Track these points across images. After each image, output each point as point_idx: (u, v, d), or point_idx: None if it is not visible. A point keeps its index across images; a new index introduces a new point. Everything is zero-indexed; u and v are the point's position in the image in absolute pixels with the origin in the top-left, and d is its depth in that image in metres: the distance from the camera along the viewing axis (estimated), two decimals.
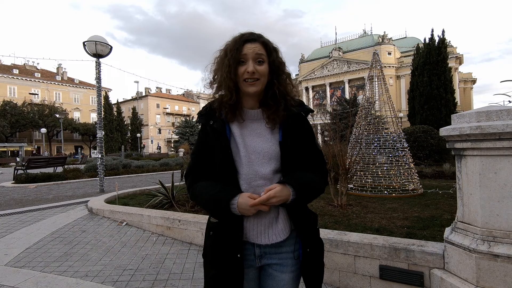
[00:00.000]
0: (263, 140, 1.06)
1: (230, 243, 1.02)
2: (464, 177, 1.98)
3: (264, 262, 1.07)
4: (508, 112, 1.78)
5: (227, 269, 1.01)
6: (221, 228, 1.04)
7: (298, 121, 1.09)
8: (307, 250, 1.06)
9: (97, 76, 7.89)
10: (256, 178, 1.03)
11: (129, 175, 12.66)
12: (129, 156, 27.30)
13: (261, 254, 1.07)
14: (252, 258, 1.06)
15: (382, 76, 6.22)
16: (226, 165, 1.02)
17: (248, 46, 1.02)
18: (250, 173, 1.03)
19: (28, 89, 50.37)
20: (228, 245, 1.02)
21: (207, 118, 1.09)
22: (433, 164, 10.00)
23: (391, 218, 3.59)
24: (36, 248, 3.45)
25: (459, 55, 45.48)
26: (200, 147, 1.10)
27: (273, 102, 1.06)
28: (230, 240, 1.02)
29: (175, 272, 2.79)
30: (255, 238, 1.04)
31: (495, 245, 1.77)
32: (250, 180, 1.03)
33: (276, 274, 1.07)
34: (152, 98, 64.26)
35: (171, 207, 4.68)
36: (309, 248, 1.07)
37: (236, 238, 1.02)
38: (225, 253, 1.02)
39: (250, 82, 1.01)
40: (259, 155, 1.04)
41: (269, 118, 1.06)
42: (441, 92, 17.08)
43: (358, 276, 2.43)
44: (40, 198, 7.08)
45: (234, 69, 1.01)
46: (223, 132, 1.04)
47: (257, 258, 1.07)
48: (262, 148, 1.04)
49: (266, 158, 1.03)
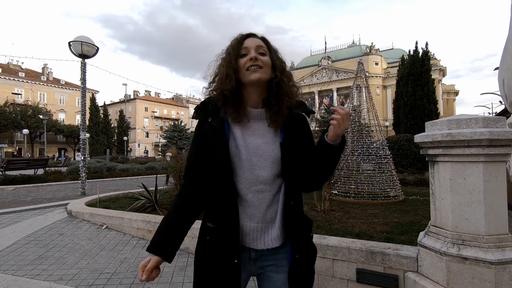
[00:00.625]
0: (266, 141, 1.02)
1: (227, 248, 0.98)
2: (437, 182, 2.05)
3: (259, 265, 1.05)
4: (476, 121, 1.86)
5: (224, 274, 0.98)
6: (218, 233, 0.99)
7: (300, 122, 1.06)
8: (296, 256, 1.02)
9: (82, 76, 7.76)
10: (257, 183, 0.99)
11: (113, 178, 12.41)
12: (115, 159, 26.79)
13: (257, 257, 1.04)
14: (247, 261, 1.04)
15: (366, 85, 6.38)
16: (224, 168, 0.97)
17: (250, 39, 1.04)
18: (251, 178, 0.99)
19: (11, 89, 48.85)
20: (226, 250, 0.98)
21: (205, 114, 1.02)
22: (416, 172, 10.24)
23: (371, 224, 3.65)
24: (9, 251, 3.32)
25: (443, 68, 47.13)
26: (196, 148, 1.04)
27: (276, 102, 1.02)
28: (228, 245, 0.98)
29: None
30: (251, 243, 1.02)
31: (464, 248, 1.83)
32: (251, 185, 0.99)
33: (272, 275, 1.05)
34: (141, 101, 63.47)
35: (154, 210, 4.61)
36: (298, 255, 1.03)
37: (234, 243, 0.98)
38: (223, 258, 0.98)
39: (253, 70, 0.98)
40: (261, 158, 0.99)
41: (271, 118, 1.02)
42: (424, 103, 17.60)
43: (336, 279, 2.46)
44: (18, 200, 6.84)
45: (235, 60, 1.01)
46: (222, 131, 0.99)
47: (252, 261, 1.04)
48: (264, 150, 1.00)
49: (268, 161, 1.00)
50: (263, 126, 1.04)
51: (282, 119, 1.02)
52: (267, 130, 1.04)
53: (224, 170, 0.97)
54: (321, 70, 52.54)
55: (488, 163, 1.82)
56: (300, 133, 1.05)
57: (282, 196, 1.02)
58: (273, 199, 1.02)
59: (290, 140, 1.02)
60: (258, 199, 0.99)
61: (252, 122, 1.04)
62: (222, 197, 0.99)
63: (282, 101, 1.03)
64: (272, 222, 1.01)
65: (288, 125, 1.03)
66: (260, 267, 1.06)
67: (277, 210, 1.02)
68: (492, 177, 1.82)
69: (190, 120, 69.46)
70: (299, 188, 1.06)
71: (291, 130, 1.03)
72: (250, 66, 0.98)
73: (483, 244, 1.79)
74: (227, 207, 0.99)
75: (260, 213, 1.00)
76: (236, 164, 0.99)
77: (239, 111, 1.01)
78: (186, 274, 2.76)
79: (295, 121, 1.05)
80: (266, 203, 1.00)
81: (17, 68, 53.52)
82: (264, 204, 1.00)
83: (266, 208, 1.00)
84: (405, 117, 18.01)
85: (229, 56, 1.02)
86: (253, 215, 1.00)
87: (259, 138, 1.02)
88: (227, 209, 0.99)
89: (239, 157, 0.99)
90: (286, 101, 1.03)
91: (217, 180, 0.99)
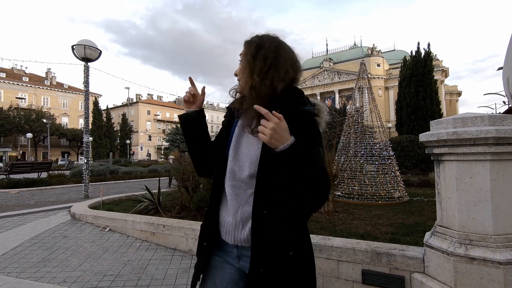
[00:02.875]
0: (252, 141, 1.01)
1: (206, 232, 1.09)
2: (442, 181, 2.02)
3: (242, 264, 1.04)
4: (482, 119, 1.84)
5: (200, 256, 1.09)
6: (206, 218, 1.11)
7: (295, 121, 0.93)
8: (259, 270, 0.93)
9: (85, 80, 7.80)
10: (234, 179, 1.02)
11: (116, 181, 12.42)
12: (118, 162, 26.87)
13: (239, 255, 1.05)
14: (232, 256, 1.06)
15: (368, 86, 6.36)
16: (219, 157, 1.08)
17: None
18: (230, 172, 1.03)
19: (15, 93, 49.29)
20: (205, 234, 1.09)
21: (228, 109, 1.17)
22: (420, 173, 10.17)
23: (376, 225, 3.62)
24: (13, 254, 3.33)
25: (445, 68, 46.98)
26: (218, 134, 1.18)
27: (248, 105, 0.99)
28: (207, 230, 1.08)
29: (157, 278, 2.73)
30: (224, 235, 1.06)
31: (471, 248, 1.80)
32: (228, 179, 1.03)
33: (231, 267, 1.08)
34: (143, 105, 63.78)
35: (157, 213, 4.60)
36: (263, 269, 0.92)
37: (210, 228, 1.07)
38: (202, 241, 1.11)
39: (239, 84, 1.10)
40: (244, 156, 1.02)
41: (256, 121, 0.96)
42: (427, 103, 17.51)
43: (341, 281, 2.43)
44: (22, 203, 6.86)
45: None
46: (228, 125, 1.11)
47: (236, 259, 1.05)
48: (247, 149, 1.02)
49: (248, 161, 1.01)
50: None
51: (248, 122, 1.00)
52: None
53: (218, 159, 1.08)
54: (322, 72, 52.56)
55: (495, 162, 1.79)
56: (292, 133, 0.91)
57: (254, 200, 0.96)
58: (249, 199, 0.99)
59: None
60: (232, 194, 1.02)
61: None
62: (214, 182, 1.09)
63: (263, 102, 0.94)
64: (244, 222, 0.99)
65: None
66: (244, 267, 1.05)
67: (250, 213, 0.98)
68: (499, 175, 1.79)
69: None
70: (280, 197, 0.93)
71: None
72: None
73: (491, 244, 1.76)
74: (214, 194, 1.09)
75: (233, 208, 1.01)
76: (228, 157, 1.05)
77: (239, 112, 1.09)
78: (190, 276, 2.75)
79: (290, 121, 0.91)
80: (240, 200, 1.01)
81: (21, 72, 54.05)
82: (237, 201, 1.01)
83: (238, 205, 1.01)
84: (408, 118, 17.92)
85: None
86: (227, 208, 1.05)
87: (250, 137, 1.02)
88: (213, 196, 1.09)
89: (230, 151, 1.06)
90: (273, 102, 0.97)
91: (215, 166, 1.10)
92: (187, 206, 4.58)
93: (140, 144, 56.81)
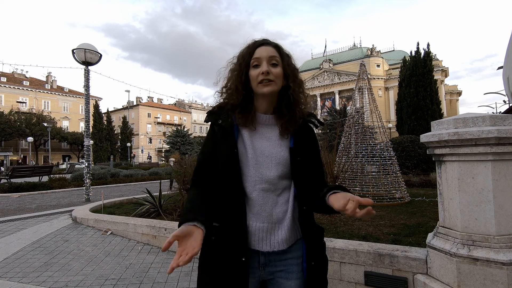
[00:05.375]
0: (272, 144, 1.05)
1: (234, 246, 0.97)
2: (444, 182, 2.02)
3: (269, 270, 1.03)
4: (483, 119, 1.84)
5: (232, 273, 0.95)
6: (223, 231, 0.99)
7: (309, 132, 1.10)
8: (311, 263, 1.02)
9: (86, 83, 7.82)
10: (262, 181, 1.00)
11: (117, 184, 12.42)
12: (118, 165, 26.86)
13: (266, 261, 1.02)
14: (256, 265, 1.01)
15: (368, 86, 6.36)
16: (231, 166, 0.99)
17: (262, 48, 1.02)
18: (255, 176, 1.00)
19: (15, 97, 49.44)
20: (233, 248, 0.97)
21: (216, 117, 1.06)
22: (421, 173, 10.15)
23: (378, 226, 3.61)
24: (14, 258, 3.33)
25: (445, 68, 47.00)
26: (207, 147, 1.07)
27: (287, 111, 1.05)
28: (235, 243, 0.97)
29: (159, 281, 2.73)
30: (256, 244, 1.00)
31: (474, 249, 1.79)
32: (255, 183, 1.00)
33: (282, 281, 1.03)
34: (143, 107, 63.88)
35: (158, 216, 4.60)
36: (314, 262, 1.02)
37: (241, 240, 0.97)
38: (230, 257, 0.97)
39: (265, 83, 1.00)
40: (267, 159, 1.02)
41: (283, 126, 1.05)
42: (427, 103, 17.49)
43: (343, 283, 2.42)
44: (23, 207, 6.87)
45: (246, 72, 1.03)
46: (231, 131, 1.02)
47: (261, 266, 1.02)
48: (270, 152, 1.03)
49: (273, 162, 1.02)
50: (270, 130, 1.07)
51: (294, 127, 1.05)
52: (274, 135, 1.07)
53: (231, 168, 1.00)
54: (322, 73, 52.61)
55: (497, 162, 1.79)
56: (308, 142, 1.08)
57: (293, 199, 1.03)
58: (278, 199, 1.02)
59: (300, 145, 1.05)
60: (262, 197, 1.00)
61: (260, 127, 1.07)
62: (229, 195, 1.00)
63: (294, 110, 1.06)
64: (279, 223, 1.00)
65: (298, 132, 1.06)
66: (269, 273, 1.03)
67: (285, 212, 1.02)
68: (501, 176, 1.79)
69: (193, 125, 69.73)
70: (310, 195, 1.04)
71: (300, 137, 1.07)
72: (262, 80, 1.00)
73: (494, 245, 1.75)
74: (234, 205, 0.99)
75: (265, 212, 1.00)
76: (243, 163, 1.01)
77: (248, 118, 1.04)
78: (192, 279, 2.74)
79: (305, 130, 1.09)
80: (271, 202, 1.01)
81: (22, 77, 54.21)
82: (269, 203, 1.00)
83: (271, 207, 1.00)
84: (408, 118, 17.91)
85: (240, 67, 1.04)
86: (258, 213, 1.00)
87: (265, 141, 1.05)
88: (233, 207, 0.99)
89: (246, 156, 1.01)
90: (298, 111, 1.07)
91: (224, 178, 1.01)
92: None
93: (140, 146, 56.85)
